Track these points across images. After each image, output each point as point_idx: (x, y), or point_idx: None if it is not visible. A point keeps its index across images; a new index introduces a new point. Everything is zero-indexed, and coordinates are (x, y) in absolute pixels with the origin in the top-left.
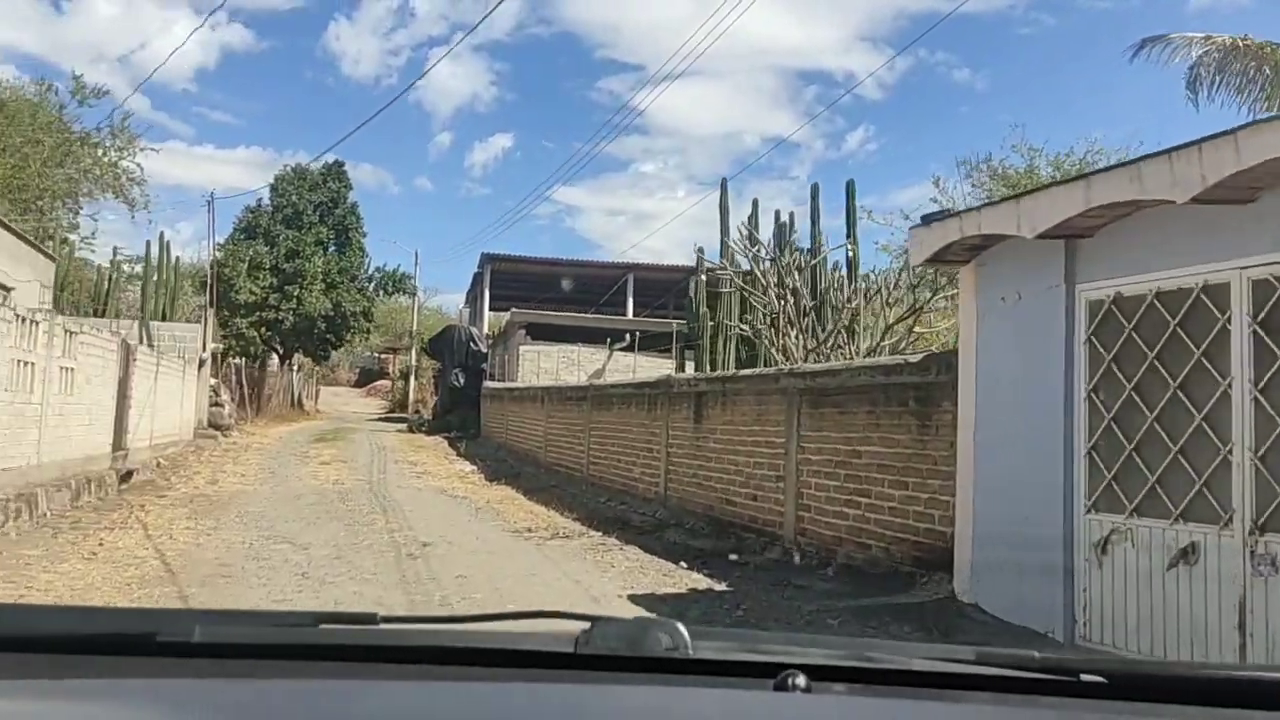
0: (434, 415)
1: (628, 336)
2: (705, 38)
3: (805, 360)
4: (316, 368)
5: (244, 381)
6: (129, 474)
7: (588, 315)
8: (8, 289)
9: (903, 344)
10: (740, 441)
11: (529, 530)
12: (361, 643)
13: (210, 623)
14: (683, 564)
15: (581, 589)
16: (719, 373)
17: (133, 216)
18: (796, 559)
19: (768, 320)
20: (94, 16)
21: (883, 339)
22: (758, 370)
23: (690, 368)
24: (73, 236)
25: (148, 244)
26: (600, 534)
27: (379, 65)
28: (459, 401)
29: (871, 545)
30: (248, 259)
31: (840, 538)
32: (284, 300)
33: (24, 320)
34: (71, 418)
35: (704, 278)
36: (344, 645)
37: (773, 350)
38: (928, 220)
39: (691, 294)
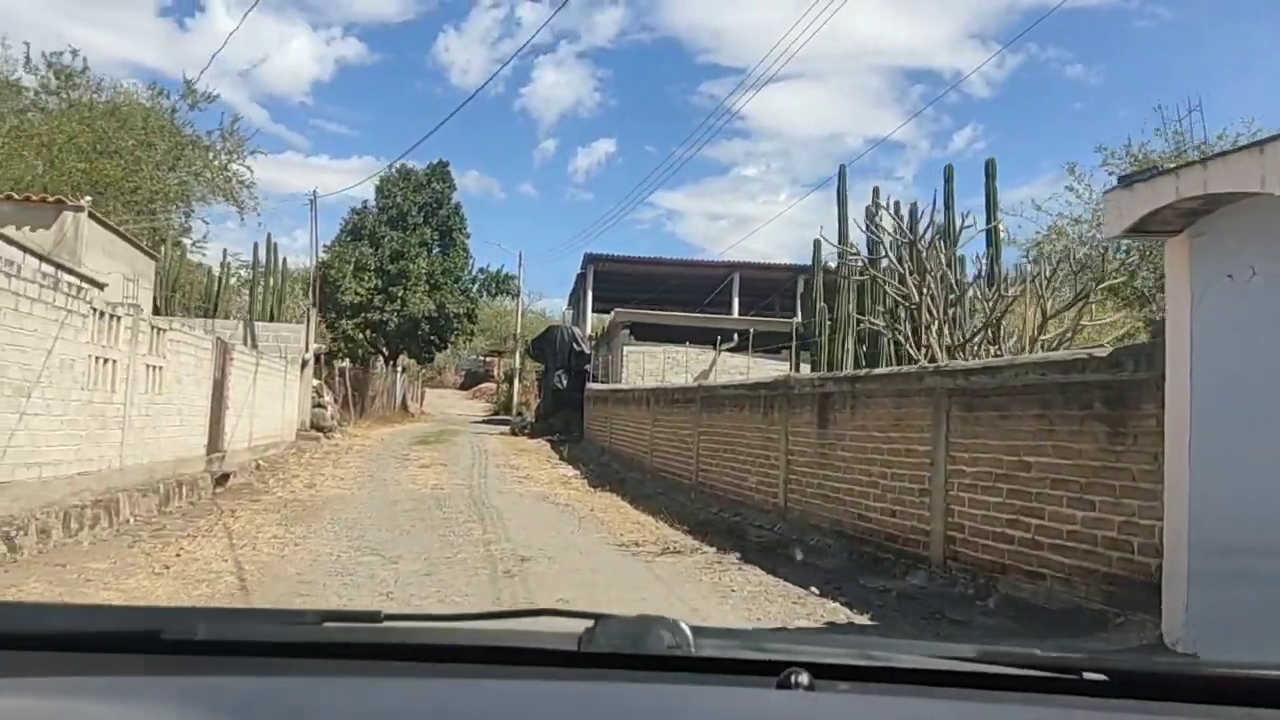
0: (537, 417)
1: (736, 336)
2: (802, 38)
3: (949, 357)
4: (422, 369)
5: (348, 383)
6: (225, 477)
7: (694, 315)
8: (99, 284)
9: (1065, 339)
10: (875, 449)
11: (636, 544)
12: (366, 640)
13: (214, 620)
14: (813, 589)
15: (700, 619)
16: (848, 372)
17: (242, 220)
18: (947, 586)
19: (905, 313)
20: (215, 33)
21: (1038, 333)
22: (897, 369)
23: (805, 368)
24: (185, 240)
25: (255, 245)
26: (715, 550)
27: (486, 75)
28: (562, 404)
29: (1045, 575)
30: (353, 260)
31: (1002, 564)
32: (388, 301)
33: (103, 315)
34: (160, 418)
35: (832, 264)
36: (348, 643)
37: (907, 346)
38: (1128, 181)
39: (806, 289)
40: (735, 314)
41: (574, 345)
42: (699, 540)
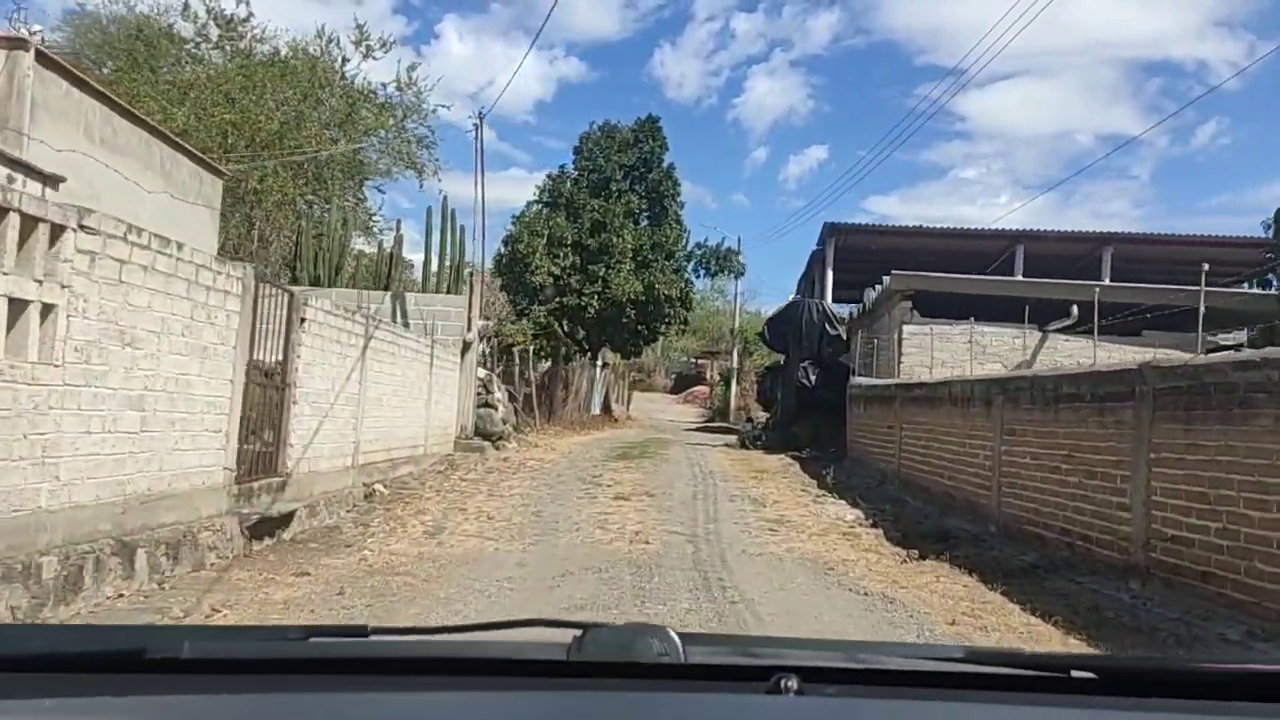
0: (772, 425)
1: (1076, 310)
2: (1024, 33)
3: None
4: (628, 369)
5: (532, 376)
6: (279, 520)
7: (1009, 280)
8: (50, 178)
9: None
10: None
11: None
12: (352, 655)
13: (199, 638)
14: None
15: None
16: None
17: (421, 185)
18: None
19: None
20: (449, 57)
21: None
22: None
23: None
24: (358, 213)
25: (429, 211)
26: None
27: (700, 87)
28: (809, 406)
29: None
30: (545, 234)
31: None
32: (587, 282)
33: None
34: (36, 416)
35: None
36: (335, 658)
37: None
38: None
39: None
40: None
41: (826, 328)
42: None
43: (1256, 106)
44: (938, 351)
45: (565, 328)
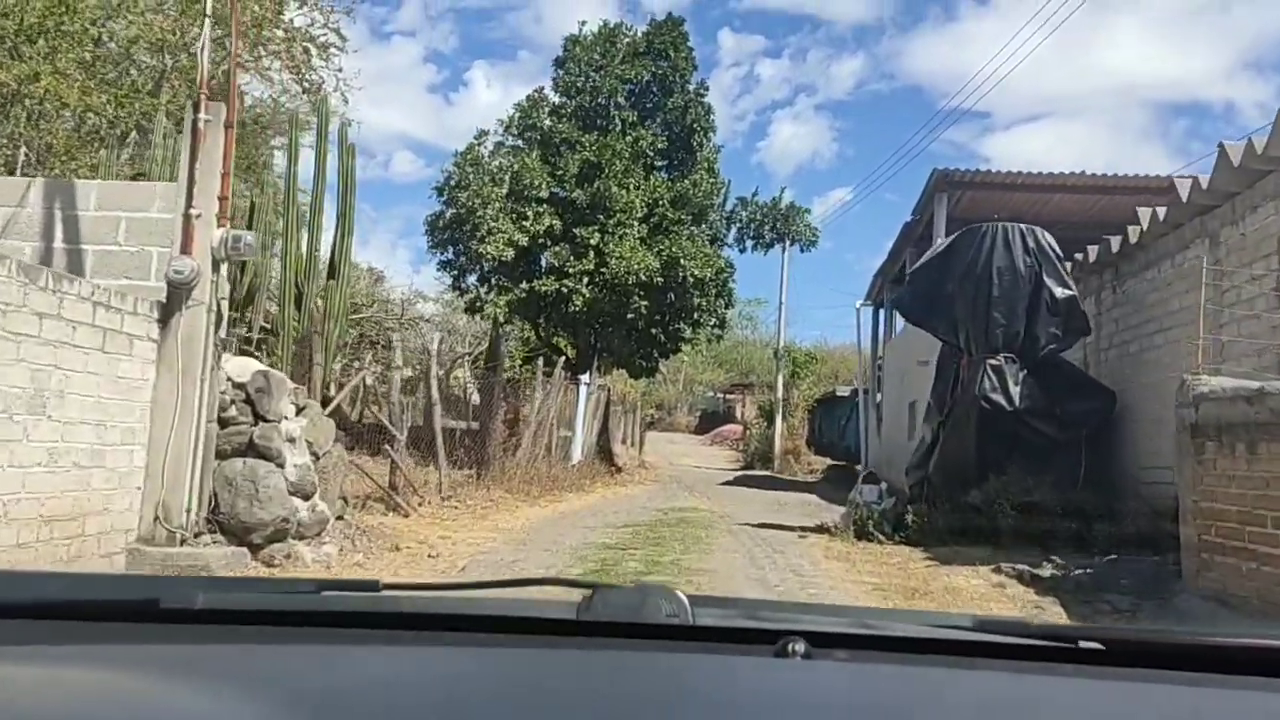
0: (918, 489)
1: None
2: (1051, 76)
3: None
4: (642, 398)
5: (434, 390)
6: None
7: None
8: None
9: None
10: None
11: None
12: (364, 609)
13: (212, 589)
14: None
15: None
16: None
17: (303, 90)
18: None
19: None
20: (476, 104)
21: None
22: None
23: None
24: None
25: (292, 118)
26: None
27: (725, 131)
28: (1004, 446)
29: None
30: (505, 181)
31: None
32: (573, 258)
33: None
34: None
35: None
36: (346, 612)
37: None
38: None
39: None
40: None
41: (1047, 285)
42: None
43: None
44: None
45: (540, 327)
